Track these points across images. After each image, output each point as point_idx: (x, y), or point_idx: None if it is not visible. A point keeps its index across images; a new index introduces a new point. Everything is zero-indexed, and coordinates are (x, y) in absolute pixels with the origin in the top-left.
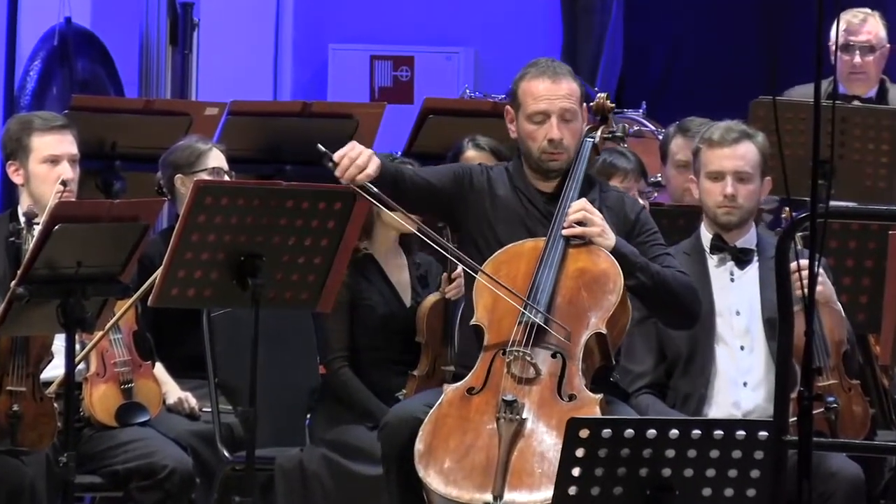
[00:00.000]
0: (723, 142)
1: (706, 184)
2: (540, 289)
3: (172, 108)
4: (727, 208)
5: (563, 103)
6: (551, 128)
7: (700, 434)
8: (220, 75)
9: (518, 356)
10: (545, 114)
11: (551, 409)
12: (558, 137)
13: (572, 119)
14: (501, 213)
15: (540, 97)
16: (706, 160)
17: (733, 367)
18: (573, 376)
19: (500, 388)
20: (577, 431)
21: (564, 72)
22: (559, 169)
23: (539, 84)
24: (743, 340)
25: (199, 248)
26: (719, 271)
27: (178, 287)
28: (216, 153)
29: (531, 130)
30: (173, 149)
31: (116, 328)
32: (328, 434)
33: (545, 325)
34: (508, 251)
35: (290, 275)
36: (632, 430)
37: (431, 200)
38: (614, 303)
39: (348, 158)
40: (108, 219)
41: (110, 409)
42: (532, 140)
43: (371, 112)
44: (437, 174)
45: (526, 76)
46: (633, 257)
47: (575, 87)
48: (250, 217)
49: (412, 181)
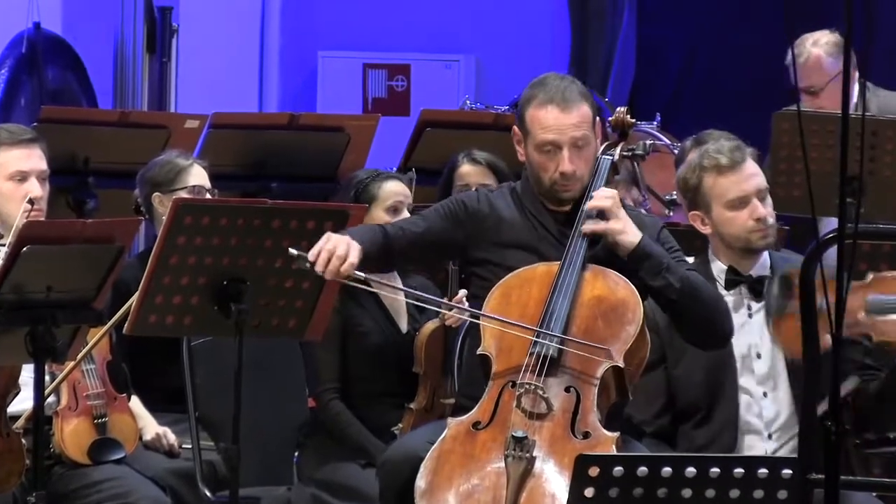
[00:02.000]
0: (734, 165)
1: (726, 214)
2: (553, 316)
3: (150, 120)
4: (761, 232)
5: (575, 132)
6: (563, 161)
7: (719, 472)
8: (200, 85)
9: (529, 389)
10: (555, 144)
11: (564, 448)
12: (571, 171)
13: (585, 145)
14: (509, 237)
15: (549, 128)
16: (722, 190)
17: (755, 417)
18: (588, 412)
19: (508, 423)
20: (587, 469)
21: (575, 97)
22: (572, 198)
23: (548, 113)
24: (765, 386)
25: (179, 271)
26: (735, 308)
27: (155, 314)
28: (197, 170)
29: (541, 161)
30: (151, 164)
31: (89, 358)
32: (318, 472)
33: (561, 348)
34: (519, 276)
35: (276, 300)
36: (645, 467)
37: (427, 249)
38: (633, 334)
39: (326, 252)
40: (80, 240)
41: (82, 446)
42: (543, 171)
43: (364, 125)
44: (424, 219)
45: (533, 101)
46: (660, 257)
47: (586, 111)
48: (233, 238)
49: (400, 245)
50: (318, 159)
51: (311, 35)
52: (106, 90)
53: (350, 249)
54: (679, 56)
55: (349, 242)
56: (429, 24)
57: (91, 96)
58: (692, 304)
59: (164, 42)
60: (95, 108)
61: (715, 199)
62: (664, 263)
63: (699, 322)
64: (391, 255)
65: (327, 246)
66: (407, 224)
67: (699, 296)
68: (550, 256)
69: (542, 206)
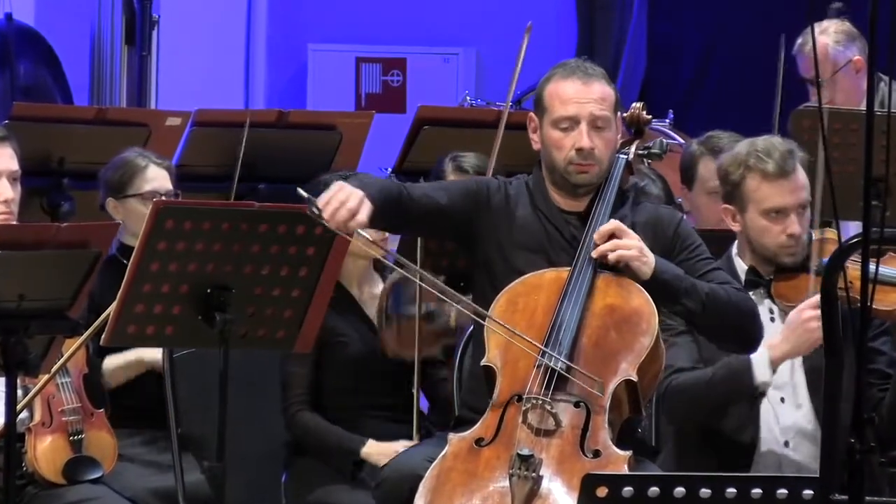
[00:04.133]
0: (782, 173)
1: (761, 221)
2: (563, 327)
3: (128, 117)
4: (791, 248)
5: (595, 108)
6: (580, 135)
7: (736, 493)
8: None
9: (536, 404)
10: (574, 119)
11: (573, 466)
12: (588, 146)
13: (605, 127)
14: (520, 238)
15: (569, 100)
16: (762, 196)
17: (774, 424)
18: (598, 429)
19: (514, 440)
20: (594, 489)
21: (598, 74)
22: (588, 183)
23: (568, 86)
24: (783, 391)
25: (160, 279)
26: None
27: (135, 324)
28: (154, 172)
29: (558, 138)
30: (110, 164)
31: (64, 371)
32: (307, 496)
33: (567, 373)
34: (526, 282)
35: (263, 309)
36: (657, 488)
37: (442, 224)
38: (647, 346)
39: (336, 201)
40: (54, 245)
41: (57, 464)
42: (558, 149)
43: (357, 122)
44: (447, 192)
45: (553, 77)
46: (676, 282)
47: (609, 92)
48: (218, 243)
49: (418, 205)
50: (308, 159)
51: (301, 27)
52: (82, 85)
53: (362, 205)
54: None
55: (362, 198)
56: (426, 16)
57: (66, 92)
58: (716, 320)
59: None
60: (71, 104)
61: (753, 202)
62: (682, 288)
63: (724, 334)
64: (404, 217)
65: (339, 195)
66: (431, 191)
67: (723, 311)
68: (559, 261)
69: (554, 206)
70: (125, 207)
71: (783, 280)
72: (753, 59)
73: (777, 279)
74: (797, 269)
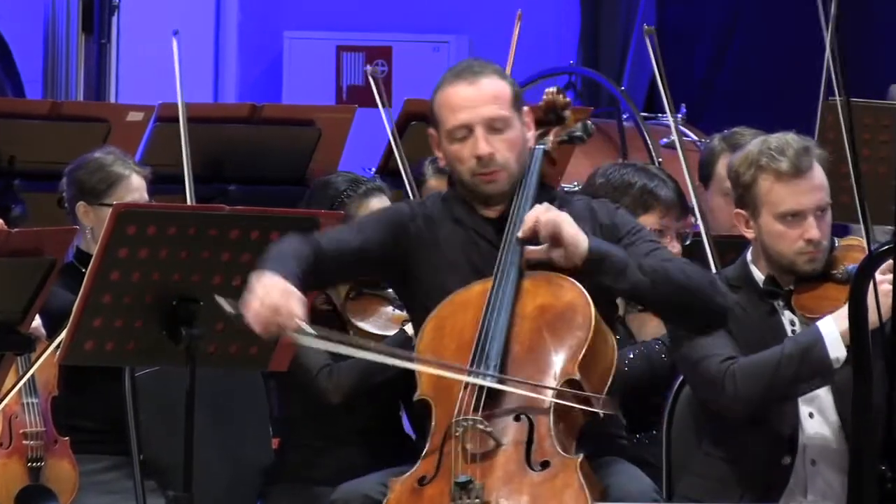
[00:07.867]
0: (797, 172)
1: (776, 226)
2: (490, 339)
3: (86, 112)
4: (810, 254)
5: (487, 110)
6: (477, 142)
7: None
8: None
9: (468, 427)
10: (467, 126)
11: (521, 485)
12: (487, 152)
13: (504, 128)
14: (448, 257)
15: (457, 107)
16: (776, 198)
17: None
18: (543, 439)
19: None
20: None
21: (487, 70)
22: (500, 192)
23: (456, 91)
24: (811, 406)
25: (120, 289)
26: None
27: (93, 339)
28: (137, 182)
29: (455, 150)
30: (83, 161)
31: (32, 391)
32: None
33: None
34: (454, 301)
35: (234, 324)
36: None
37: (364, 265)
38: (585, 339)
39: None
40: (4, 252)
41: (10, 491)
42: (460, 161)
43: (337, 117)
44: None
45: (441, 85)
46: (616, 257)
47: (502, 87)
48: (185, 251)
49: (332, 257)
50: (283, 158)
51: (276, 13)
52: (34, 77)
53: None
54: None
55: (288, 294)
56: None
57: (17, 84)
58: (669, 295)
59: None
60: (22, 97)
61: (766, 205)
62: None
63: (684, 311)
64: (325, 275)
65: (266, 301)
66: (342, 235)
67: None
68: (487, 270)
69: (476, 213)
70: (98, 215)
71: (805, 290)
72: (774, 45)
73: (798, 289)
74: (819, 277)
